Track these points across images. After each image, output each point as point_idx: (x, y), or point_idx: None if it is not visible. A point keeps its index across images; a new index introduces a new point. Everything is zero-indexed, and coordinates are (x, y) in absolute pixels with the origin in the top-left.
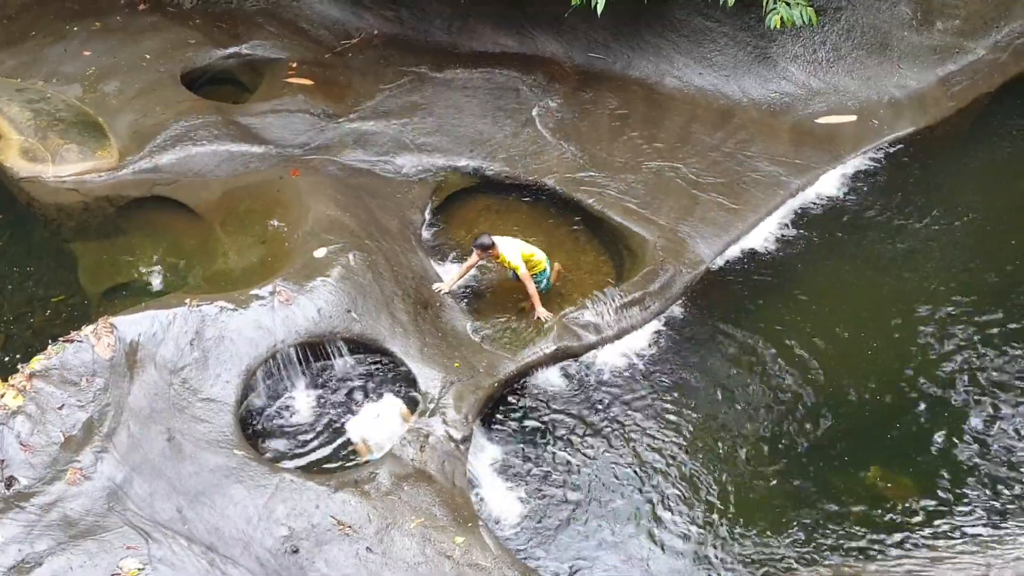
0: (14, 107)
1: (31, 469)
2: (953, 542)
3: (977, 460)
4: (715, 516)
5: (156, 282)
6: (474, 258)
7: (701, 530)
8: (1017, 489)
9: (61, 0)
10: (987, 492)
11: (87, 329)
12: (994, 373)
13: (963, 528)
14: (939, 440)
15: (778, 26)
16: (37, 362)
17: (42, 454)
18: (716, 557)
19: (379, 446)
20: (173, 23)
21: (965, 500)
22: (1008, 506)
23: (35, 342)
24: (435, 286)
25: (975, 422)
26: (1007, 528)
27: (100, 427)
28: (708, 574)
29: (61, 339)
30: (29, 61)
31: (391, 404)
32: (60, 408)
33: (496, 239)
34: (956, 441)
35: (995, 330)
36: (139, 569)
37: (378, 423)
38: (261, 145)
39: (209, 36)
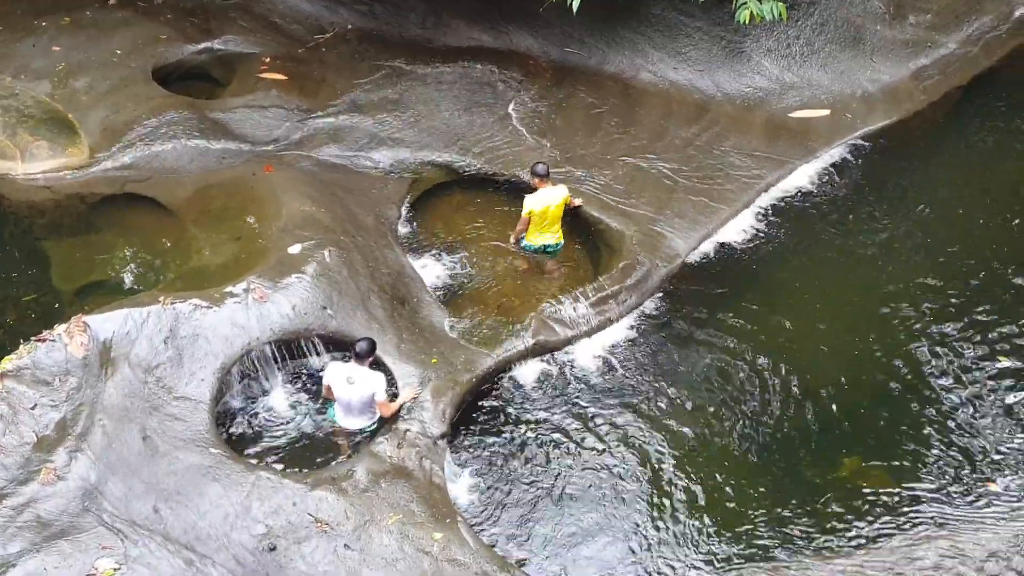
0: None
1: (3, 470)
2: (927, 531)
3: (952, 450)
4: (689, 509)
5: (129, 280)
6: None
7: (676, 524)
8: (991, 476)
9: None
10: (962, 481)
11: (60, 328)
12: (968, 363)
13: (937, 518)
14: (913, 431)
15: (747, 21)
16: (9, 362)
17: (14, 455)
18: (691, 551)
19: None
20: (144, 18)
21: (940, 490)
22: (982, 493)
23: (7, 342)
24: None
25: (950, 413)
26: (982, 516)
27: (74, 427)
28: (684, 568)
29: (33, 338)
30: None
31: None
32: (33, 408)
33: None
34: (931, 432)
35: (968, 321)
36: (115, 569)
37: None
38: (234, 141)
39: (181, 31)
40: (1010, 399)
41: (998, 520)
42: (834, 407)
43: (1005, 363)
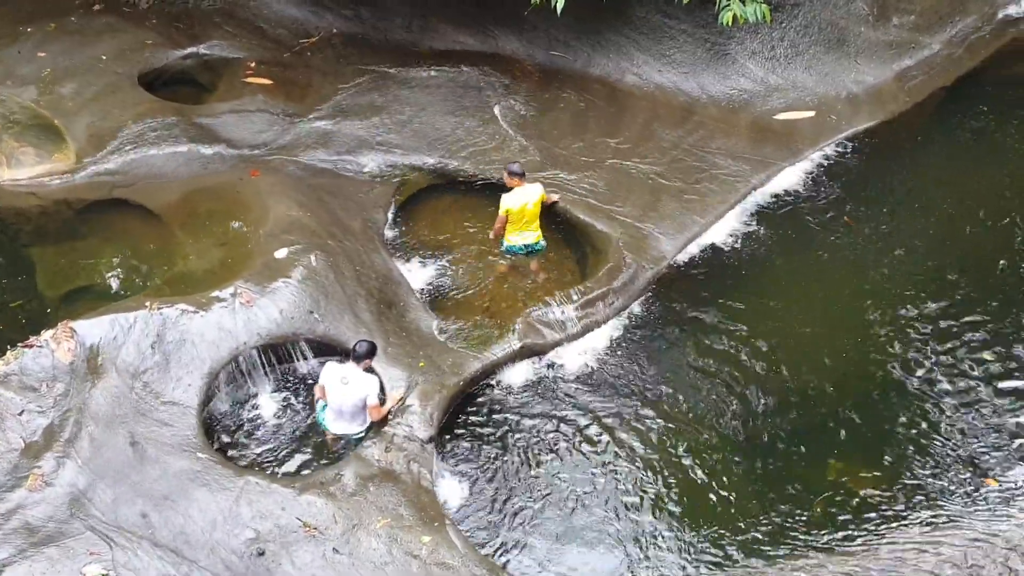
0: None
1: None
2: (913, 533)
3: (937, 452)
4: (679, 511)
5: (116, 285)
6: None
7: (666, 526)
8: (975, 477)
9: (15, 0)
10: (946, 483)
11: (47, 334)
12: (952, 364)
13: (921, 519)
14: (899, 433)
15: (730, 23)
16: None
17: (2, 461)
18: (682, 553)
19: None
20: (129, 24)
21: (924, 491)
22: (965, 495)
23: None
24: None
25: (934, 414)
26: (978, 515)
27: (61, 433)
28: (677, 570)
29: (20, 344)
30: None
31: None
32: (20, 414)
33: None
34: (916, 434)
35: (955, 320)
36: (103, 575)
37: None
38: (221, 146)
39: (166, 36)
40: (1000, 398)
41: (995, 519)
42: (821, 409)
43: (993, 361)
